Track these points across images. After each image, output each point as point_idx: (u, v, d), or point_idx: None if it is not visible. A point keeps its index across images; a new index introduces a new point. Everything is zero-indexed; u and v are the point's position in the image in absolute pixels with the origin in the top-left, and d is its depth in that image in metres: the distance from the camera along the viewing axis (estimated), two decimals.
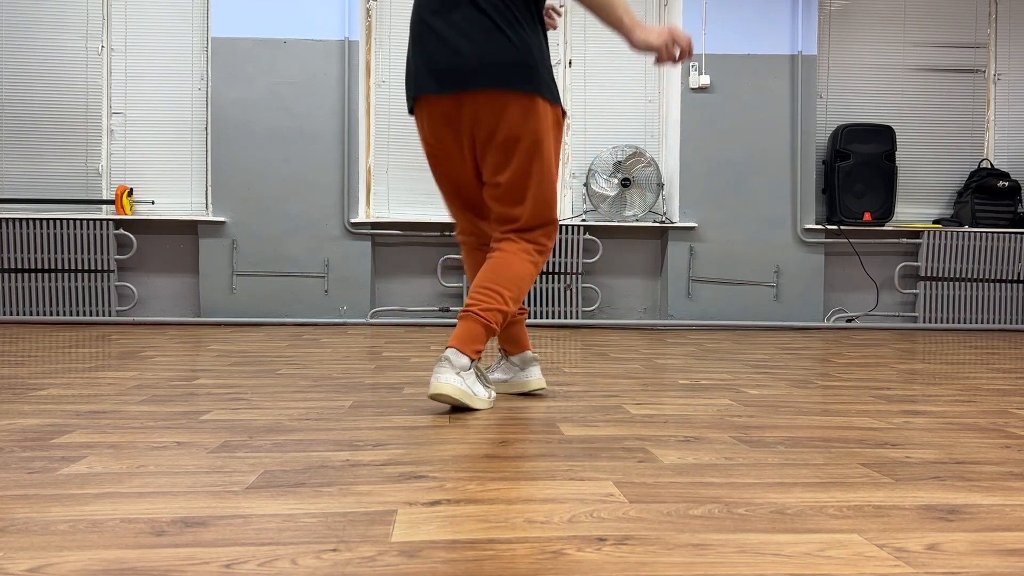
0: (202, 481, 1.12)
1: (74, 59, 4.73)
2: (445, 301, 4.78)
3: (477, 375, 1.74)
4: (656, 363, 2.75)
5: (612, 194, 4.69)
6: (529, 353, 1.94)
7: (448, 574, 0.78)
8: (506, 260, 1.75)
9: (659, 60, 1.72)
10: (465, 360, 1.66)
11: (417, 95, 1.76)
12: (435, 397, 1.64)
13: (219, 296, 4.58)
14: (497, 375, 2.00)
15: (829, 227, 4.81)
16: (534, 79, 1.70)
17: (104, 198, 4.74)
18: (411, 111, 1.85)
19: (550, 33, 4.84)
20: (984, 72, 5.11)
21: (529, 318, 4.66)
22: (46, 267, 4.49)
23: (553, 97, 1.75)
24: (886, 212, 4.77)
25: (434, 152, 1.82)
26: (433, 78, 1.72)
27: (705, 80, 4.69)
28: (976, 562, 0.83)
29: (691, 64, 4.73)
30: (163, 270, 4.72)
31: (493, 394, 1.79)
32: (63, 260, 4.50)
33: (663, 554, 0.84)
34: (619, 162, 4.66)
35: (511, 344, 1.95)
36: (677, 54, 1.71)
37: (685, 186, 4.76)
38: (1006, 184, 4.84)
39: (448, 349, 1.67)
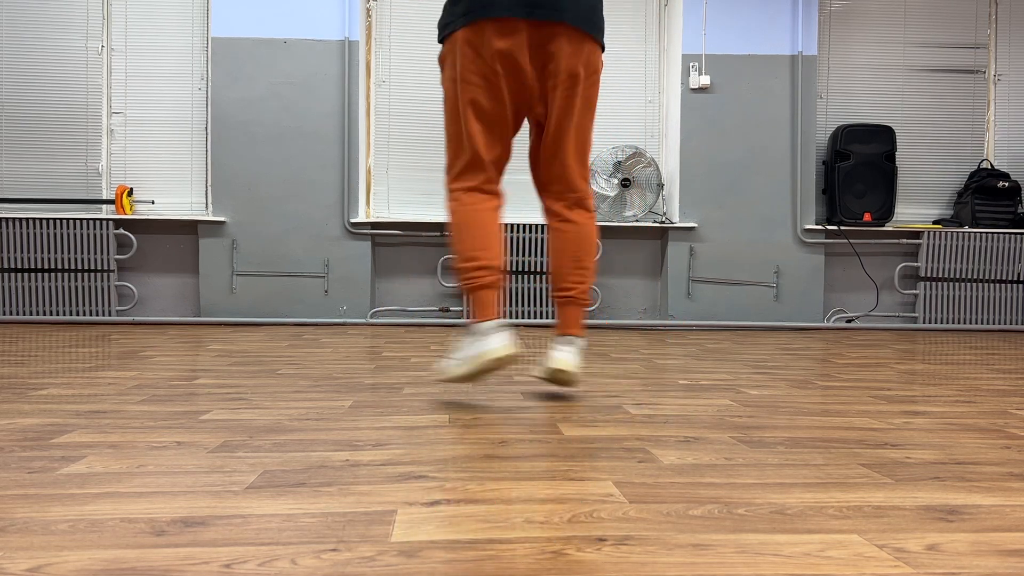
0: (202, 481, 1.12)
1: (74, 59, 4.73)
2: (445, 301, 4.78)
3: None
4: (656, 363, 2.74)
5: (612, 194, 4.69)
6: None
7: (448, 574, 0.78)
8: (585, 232, 1.84)
9: None
10: (582, 342, 1.88)
11: (502, 15, 1.71)
12: (558, 373, 1.77)
13: (219, 296, 4.58)
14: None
15: (829, 227, 4.81)
16: (603, 29, 1.84)
17: (104, 198, 4.74)
18: (452, 30, 1.77)
19: None
20: (984, 73, 5.11)
21: (530, 318, 4.66)
22: (46, 267, 4.49)
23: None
24: (886, 212, 4.77)
25: (490, 79, 1.75)
26: (522, 2, 1.71)
27: (705, 80, 4.69)
28: (976, 562, 0.83)
29: (691, 64, 4.73)
30: (163, 270, 4.72)
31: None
32: (63, 260, 4.50)
33: (663, 554, 0.84)
34: (619, 162, 4.66)
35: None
36: None
37: (685, 186, 4.76)
38: (1006, 184, 4.84)
39: (567, 336, 1.81)
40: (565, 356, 1.81)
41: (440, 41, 1.84)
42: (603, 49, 1.87)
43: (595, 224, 1.89)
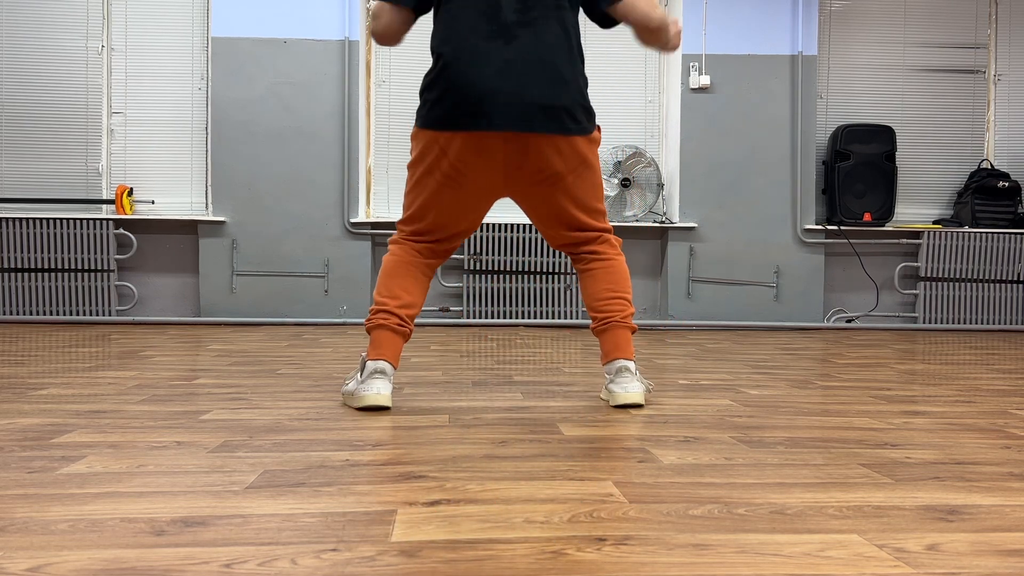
0: (202, 481, 1.12)
1: (74, 59, 4.73)
2: (445, 301, 4.78)
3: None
4: (656, 363, 2.75)
5: (612, 194, 4.69)
6: None
7: (448, 574, 0.78)
8: (618, 267, 1.87)
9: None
10: (633, 364, 1.83)
11: (472, 129, 1.65)
12: (629, 405, 1.79)
13: (219, 296, 4.58)
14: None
15: (829, 227, 4.81)
16: (591, 115, 1.77)
17: (104, 198, 4.74)
18: (424, 126, 1.71)
19: None
20: (984, 73, 5.11)
21: (530, 318, 4.66)
22: (46, 267, 4.49)
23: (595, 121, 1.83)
24: (886, 212, 4.77)
25: (456, 180, 1.71)
26: (493, 112, 1.65)
27: (705, 80, 4.69)
28: (976, 562, 0.83)
29: (691, 64, 4.73)
30: (163, 270, 4.72)
31: (651, 385, 1.98)
32: (63, 260, 4.50)
33: (663, 554, 0.84)
34: (619, 162, 4.66)
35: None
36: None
37: (685, 186, 4.76)
38: (1006, 184, 4.84)
39: (619, 361, 1.80)
40: (631, 389, 1.77)
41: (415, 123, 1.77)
42: (595, 128, 1.79)
43: (622, 258, 1.87)
